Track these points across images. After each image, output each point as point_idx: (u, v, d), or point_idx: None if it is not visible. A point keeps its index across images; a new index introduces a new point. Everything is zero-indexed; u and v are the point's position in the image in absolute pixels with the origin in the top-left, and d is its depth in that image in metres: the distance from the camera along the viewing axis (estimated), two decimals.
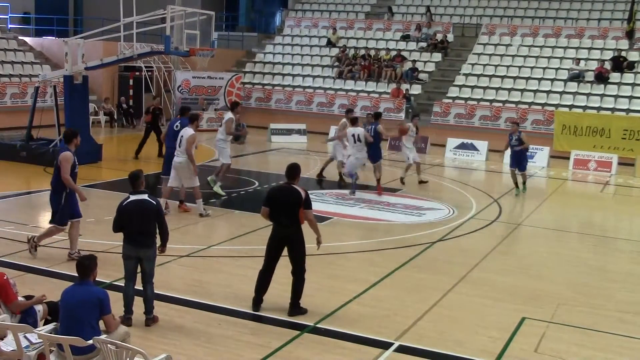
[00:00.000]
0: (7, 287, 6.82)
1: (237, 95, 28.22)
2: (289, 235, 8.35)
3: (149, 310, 7.99)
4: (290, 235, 8.34)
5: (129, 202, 7.88)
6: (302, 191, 8.32)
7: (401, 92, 27.23)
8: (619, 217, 16.40)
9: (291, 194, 8.31)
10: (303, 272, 8.47)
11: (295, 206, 8.26)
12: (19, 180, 16.49)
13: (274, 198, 8.43)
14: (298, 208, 8.26)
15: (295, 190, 8.33)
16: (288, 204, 8.28)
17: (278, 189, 8.64)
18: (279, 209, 8.34)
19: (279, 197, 8.41)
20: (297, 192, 8.31)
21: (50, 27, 33.24)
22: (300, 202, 8.26)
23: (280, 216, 8.35)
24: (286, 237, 8.37)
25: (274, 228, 8.46)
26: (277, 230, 8.43)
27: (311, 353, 7.49)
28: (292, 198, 8.28)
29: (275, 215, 8.39)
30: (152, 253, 7.96)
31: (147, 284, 7.98)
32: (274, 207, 8.39)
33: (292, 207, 8.27)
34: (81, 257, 6.52)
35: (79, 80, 18.14)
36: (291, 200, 8.27)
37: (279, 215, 8.36)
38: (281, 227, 8.37)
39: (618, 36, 28.16)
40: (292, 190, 8.34)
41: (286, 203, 8.30)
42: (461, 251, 11.93)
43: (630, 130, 23.33)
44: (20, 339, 6.18)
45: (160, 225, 7.98)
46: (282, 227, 8.36)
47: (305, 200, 8.28)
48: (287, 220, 8.31)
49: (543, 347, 7.92)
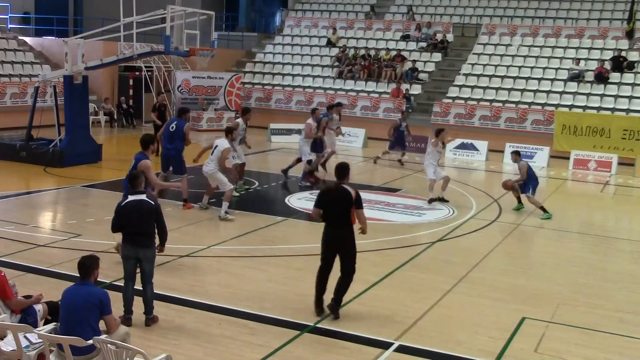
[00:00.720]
0: (5, 284, 6.82)
1: (237, 95, 28.23)
2: (341, 235, 8.33)
3: (148, 310, 7.99)
4: (343, 236, 8.32)
5: (127, 202, 7.87)
6: (352, 191, 8.32)
7: (401, 92, 27.23)
8: (619, 217, 16.41)
9: (342, 194, 8.29)
10: (353, 272, 8.42)
11: (347, 206, 8.25)
12: (19, 180, 16.49)
13: (326, 199, 8.42)
14: (350, 208, 8.26)
15: (346, 190, 8.31)
16: (340, 204, 8.27)
17: (329, 189, 8.60)
18: (331, 209, 8.34)
19: (331, 197, 8.38)
20: (348, 192, 8.28)
21: (50, 27, 33.23)
22: (351, 202, 8.26)
23: (333, 217, 8.34)
24: (338, 237, 8.35)
25: (326, 229, 8.43)
26: (329, 230, 8.40)
27: (311, 353, 7.49)
28: (343, 198, 8.27)
29: (328, 216, 8.40)
30: (151, 253, 7.95)
31: (147, 285, 7.97)
32: (325, 208, 8.39)
33: (344, 207, 8.26)
34: (82, 257, 6.52)
35: (79, 80, 18.14)
36: (343, 200, 8.26)
37: (331, 215, 8.36)
38: (333, 227, 8.36)
39: (618, 36, 28.16)
40: (343, 190, 8.31)
41: (338, 203, 8.29)
42: (461, 251, 11.92)
43: (630, 130, 23.32)
44: (20, 339, 6.18)
45: (159, 226, 7.97)
46: (335, 228, 8.34)
47: (356, 200, 8.28)
48: (339, 221, 8.30)
49: (543, 347, 7.92)
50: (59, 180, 16.31)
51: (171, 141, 13.94)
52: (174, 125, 13.98)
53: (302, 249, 11.42)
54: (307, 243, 11.78)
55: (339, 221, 8.31)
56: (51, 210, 14.24)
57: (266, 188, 16.87)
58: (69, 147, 17.78)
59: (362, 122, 26.21)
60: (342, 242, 8.35)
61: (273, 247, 11.52)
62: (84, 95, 18.59)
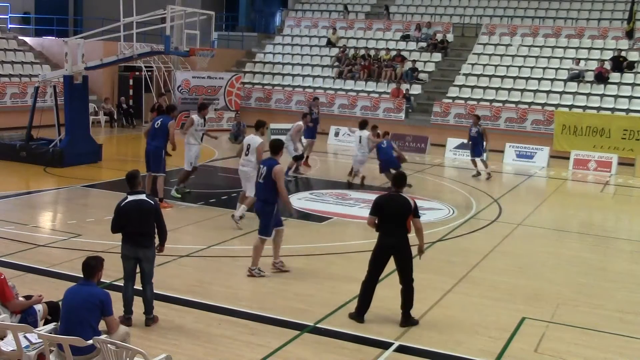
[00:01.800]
0: (4, 285, 6.81)
1: (237, 95, 28.22)
2: (397, 245, 8.18)
3: (148, 310, 7.99)
4: (398, 245, 8.17)
5: (127, 202, 7.85)
6: (411, 200, 8.23)
7: (401, 92, 27.22)
8: (619, 217, 16.41)
9: (401, 203, 8.19)
10: (412, 281, 8.29)
11: (404, 215, 8.14)
12: (19, 180, 16.49)
13: (383, 207, 8.26)
14: (407, 217, 8.15)
15: (404, 198, 8.22)
16: (397, 212, 8.15)
17: (387, 197, 8.44)
18: (388, 218, 8.19)
19: (388, 206, 8.24)
20: (406, 200, 8.20)
21: (50, 27, 33.22)
22: (410, 211, 8.15)
23: (389, 225, 8.20)
24: (393, 246, 8.19)
25: (381, 237, 8.28)
26: (384, 239, 8.25)
27: (311, 353, 7.49)
28: (401, 207, 8.16)
29: (384, 225, 8.25)
30: (150, 253, 7.94)
31: (147, 285, 7.97)
32: (382, 216, 8.24)
33: (402, 216, 8.14)
34: (88, 258, 6.52)
35: (79, 80, 18.13)
36: (401, 209, 8.15)
37: (388, 224, 8.21)
38: (389, 236, 8.21)
39: (618, 36, 28.16)
40: (402, 199, 8.22)
41: (396, 212, 8.16)
42: (461, 251, 11.92)
43: (630, 130, 23.33)
44: (20, 339, 6.18)
45: (159, 226, 7.94)
46: (390, 237, 8.20)
47: (414, 209, 8.19)
48: (395, 230, 8.17)
49: (543, 347, 7.92)
50: (59, 180, 16.31)
51: (153, 138, 13.71)
52: (159, 122, 13.81)
53: (302, 249, 11.43)
54: (307, 243, 11.80)
55: (395, 230, 8.17)
56: (51, 210, 14.24)
57: None
58: (69, 147, 17.78)
59: None
60: (398, 251, 8.19)
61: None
62: (84, 95, 18.59)
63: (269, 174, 9.69)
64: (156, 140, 13.70)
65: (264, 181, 9.75)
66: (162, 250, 8.17)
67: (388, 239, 8.22)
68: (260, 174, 9.84)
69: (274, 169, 9.69)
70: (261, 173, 9.83)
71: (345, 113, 27.43)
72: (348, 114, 27.36)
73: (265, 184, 9.74)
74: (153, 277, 8.05)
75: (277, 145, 9.97)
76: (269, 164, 9.82)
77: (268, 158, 9.99)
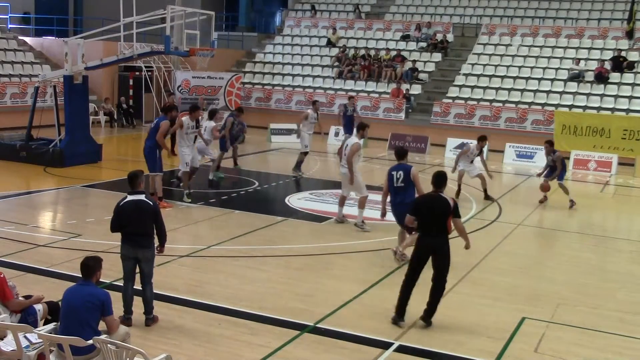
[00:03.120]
0: (4, 285, 6.81)
1: (237, 95, 28.22)
2: (436, 245, 8.16)
3: (148, 310, 7.99)
4: (438, 245, 8.15)
5: (125, 202, 7.85)
6: (450, 200, 8.20)
7: (401, 92, 27.22)
8: (619, 217, 16.41)
9: (440, 203, 8.16)
10: (444, 283, 8.26)
11: (444, 215, 8.12)
12: (19, 180, 16.49)
13: (423, 207, 8.30)
14: (447, 217, 8.13)
15: (444, 199, 8.19)
16: (437, 213, 8.14)
17: (426, 197, 8.49)
18: (428, 218, 8.19)
19: (428, 206, 8.25)
20: (446, 200, 8.17)
21: (50, 27, 33.22)
22: (449, 211, 8.13)
23: (429, 226, 8.20)
24: (432, 246, 8.17)
25: (421, 238, 8.28)
26: (424, 240, 8.24)
27: (311, 353, 7.49)
28: (441, 207, 8.14)
29: (424, 225, 8.25)
30: (149, 254, 7.91)
31: (146, 285, 7.96)
32: (422, 216, 8.25)
33: (442, 216, 8.12)
34: (86, 258, 6.52)
35: (79, 80, 18.13)
36: (440, 209, 8.13)
37: (428, 224, 8.21)
38: (429, 236, 8.19)
39: (618, 36, 28.16)
40: (441, 199, 8.20)
41: (435, 212, 8.15)
42: (461, 251, 11.89)
43: (630, 130, 23.31)
44: (20, 339, 6.18)
45: (158, 226, 7.91)
46: (430, 237, 8.18)
47: (454, 209, 8.17)
48: (435, 230, 8.15)
49: (543, 347, 7.92)
50: (59, 180, 16.31)
51: (149, 137, 13.73)
52: (155, 121, 13.84)
53: (302, 249, 11.43)
54: (307, 243, 11.80)
55: (435, 230, 8.16)
56: (51, 210, 14.24)
57: (266, 188, 16.87)
58: (69, 147, 17.78)
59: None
60: (436, 251, 8.18)
61: (273, 247, 11.52)
62: (84, 95, 18.59)
63: (407, 177, 10.64)
64: (150, 139, 13.67)
65: (404, 184, 10.69)
66: (162, 252, 8.16)
67: (427, 239, 8.21)
68: (397, 178, 10.74)
69: (412, 172, 10.73)
70: (397, 178, 10.73)
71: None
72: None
73: (405, 187, 10.68)
74: (153, 277, 8.04)
75: (404, 152, 11.04)
76: (404, 168, 10.77)
77: (400, 163, 10.91)
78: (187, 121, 14.20)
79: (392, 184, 10.80)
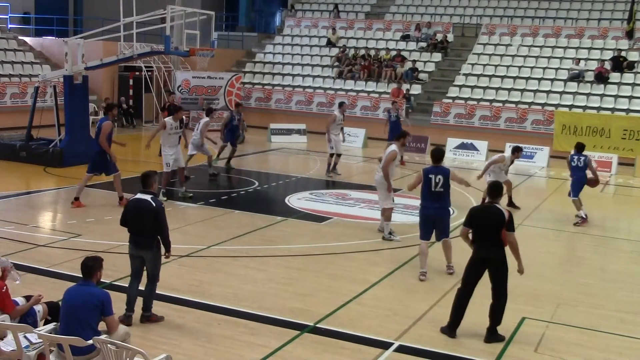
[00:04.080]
0: (5, 297, 6.80)
1: (237, 95, 28.23)
2: (492, 257, 7.92)
3: (145, 307, 7.99)
4: (493, 257, 7.92)
5: (130, 200, 7.97)
6: (505, 212, 7.97)
7: (402, 92, 27.22)
8: (619, 217, 16.40)
9: (495, 214, 7.95)
10: (505, 296, 8.00)
11: (498, 227, 7.90)
12: (19, 180, 16.49)
13: (477, 218, 8.08)
14: (501, 229, 7.90)
15: (499, 210, 7.97)
16: (491, 224, 7.92)
17: (481, 209, 8.29)
18: (481, 229, 8.01)
19: (482, 217, 8.04)
20: (500, 212, 7.95)
21: (50, 27, 33.22)
22: (504, 223, 7.90)
23: (483, 237, 8.00)
24: (488, 259, 7.94)
25: (476, 250, 8.06)
26: (479, 252, 8.03)
27: (311, 353, 7.49)
28: (495, 218, 7.92)
29: (478, 237, 8.06)
30: (151, 255, 7.87)
31: (148, 284, 8.00)
32: (476, 227, 8.06)
33: (494, 227, 7.91)
34: (86, 258, 6.52)
35: (79, 80, 18.13)
36: (494, 221, 7.92)
37: (482, 236, 8.02)
38: (484, 249, 7.98)
39: (618, 36, 28.16)
40: (496, 211, 7.98)
41: (489, 224, 7.93)
42: (461, 251, 11.88)
43: (630, 130, 23.32)
44: (20, 339, 6.18)
45: (159, 229, 7.79)
46: (485, 249, 7.97)
47: (508, 222, 7.91)
48: (489, 242, 7.93)
49: (543, 347, 7.92)
50: (59, 180, 16.31)
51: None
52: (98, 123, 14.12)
53: (302, 249, 11.43)
54: (307, 243, 11.79)
55: (489, 242, 7.94)
56: (51, 210, 14.23)
57: (266, 188, 16.87)
58: (69, 147, 17.78)
59: (362, 122, 26.20)
60: (492, 262, 7.98)
61: (273, 247, 11.51)
62: (84, 95, 18.58)
63: (447, 181, 10.05)
64: None
65: (444, 189, 10.08)
66: (167, 257, 8.06)
67: (482, 252, 7.99)
68: (436, 183, 10.01)
69: (452, 175, 10.22)
70: (436, 182, 10.00)
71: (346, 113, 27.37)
72: (348, 114, 27.23)
73: (445, 192, 10.11)
74: (157, 278, 8.01)
75: (441, 155, 10.34)
76: (443, 172, 10.10)
77: (436, 166, 10.16)
78: (170, 122, 14.09)
79: (428, 187, 10.12)
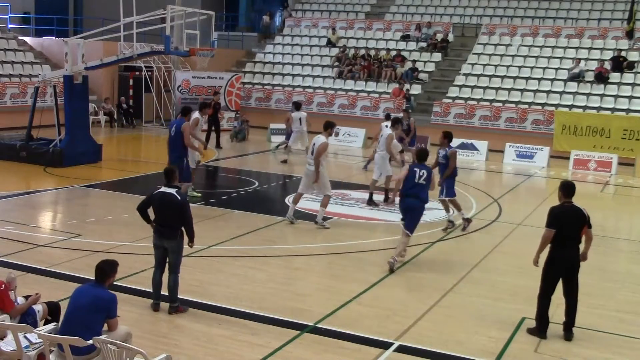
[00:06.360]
0: (4, 296, 6.80)
1: (237, 95, 28.22)
2: (572, 257, 8.04)
3: (171, 299, 8.28)
4: (573, 257, 8.06)
5: (156, 193, 8.33)
6: (584, 210, 8.11)
7: (402, 92, 27.22)
8: (619, 217, 16.40)
9: (578, 213, 8.05)
10: (577, 292, 8.18)
11: (580, 226, 8.03)
12: (19, 180, 16.48)
13: (562, 219, 8.04)
14: (582, 228, 8.05)
15: (579, 209, 8.08)
16: (574, 224, 8.03)
17: (563, 209, 8.16)
18: (564, 229, 8.01)
19: (567, 217, 8.05)
20: (581, 211, 8.06)
21: (50, 27, 33.20)
22: (585, 221, 8.03)
23: (564, 237, 8.03)
24: (569, 259, 8.04)
25: (556, 250, 8.07)
26: (559, 251, 8.05)
27: (311, 353, 7.49)
28: (578, 218, 8.03)
29: (559, 237, 8.03)
30: (174, 245, 8.27)
31: (170, 274, 8.33)
32: (560, 228, 8.02)
33: (578, 227, 8.02)
34: (102, 262, 6.61)
35: (79, 80, 18.13)
36: (577, 220, 8.03)
37: (563, 236, 8.02)
38: (564, 248, 8.03)
39: (618, 36, 28.15)
40: (577, 210, 8.07)
41: (573, 223, 8.03)
42: (461, 251, 11.93)
43: (630, 130, 23.31)
44: (20, 339, 6.18)
45: (184, 222, 8.25)
46: (566, 249, 8.02)
47: (589, 219, 8.08)
48: (573, 241, 8.05)
49: (543, 347, 7.92)
50: (59, 180, 16.31)
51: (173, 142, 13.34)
52: (173, 128, 13.33)
53: (302, 249, 11.44)
54: (307, 243, 11.79)
55: (571, 241, 8.04)
56: (51, 210, 14.23)
57: (266, 188, 16.87)
58: (69, 147, 17.78)
59: (362, 122, 26.21)
60: (573, 264, 8.06)
61: (273, 247, 11.52)
62: (84, 95, 18.58)
63: (429, 176, 10.65)
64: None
65: (426, 182, 10.62)
66: (190, 246, 8.57)
67: (563, 252, 8.03)
68: (420, 175, 10.60)
69: (432, 174, 10.76)
70: (420, 175, 10.60)
71: (346, 113, 27.44)
72: (348, 114, 27.37)
73: (426, 185, 10.64)
74: (179, 269, 8.35)
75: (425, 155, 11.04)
76: (427, 169, 10.75)
77: (418, 164, 10.85)
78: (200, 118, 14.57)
79: (412, 179, 10.61)
